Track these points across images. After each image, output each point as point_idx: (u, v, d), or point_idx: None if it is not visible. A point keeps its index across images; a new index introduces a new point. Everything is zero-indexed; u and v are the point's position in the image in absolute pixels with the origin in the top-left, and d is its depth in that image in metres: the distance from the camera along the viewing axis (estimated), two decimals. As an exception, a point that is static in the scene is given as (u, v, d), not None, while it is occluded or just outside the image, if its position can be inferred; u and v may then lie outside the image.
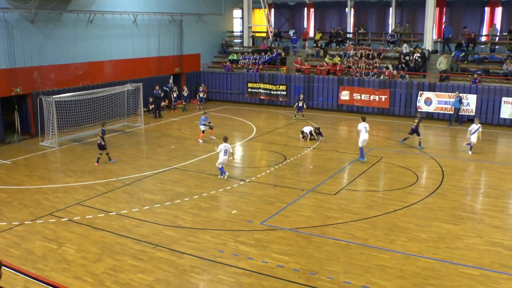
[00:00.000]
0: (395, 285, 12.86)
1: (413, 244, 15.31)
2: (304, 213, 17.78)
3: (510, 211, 18.92)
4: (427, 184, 21.48)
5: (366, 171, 22.83)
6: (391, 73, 36.61)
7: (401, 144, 27.66)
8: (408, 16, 42.94)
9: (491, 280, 13.25)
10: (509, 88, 33.07)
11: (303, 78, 38.53)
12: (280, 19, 48.02)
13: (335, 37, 42.54)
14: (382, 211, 17.98)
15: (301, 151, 26.15)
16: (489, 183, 21.96)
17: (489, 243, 15.54)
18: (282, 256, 14.44)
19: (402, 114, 35.40)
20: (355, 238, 15.69)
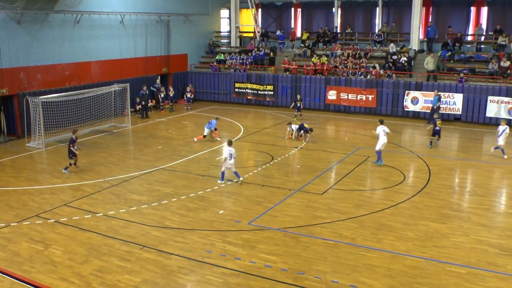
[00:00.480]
0: (382, 284, 12.84)
1: (401, 243, 15.31)
2: (292, 213, 17.73)
3: (496, 209, 18.99)
4: (414, 183, 21.51)
5: (353, 170, 22.83)
6: (378, 73, 36.69)
7: (431, 147, 27.41)
8: (394, 16, 43.06)
9: (478, 278, 13.28)
10: (495, 87, 33.27)
11: (291, 78, 38.52)
12: (267, 19, 47.99)
13: (322, 37, 42.58)
14: (369, 210, 17.98)
15: (289, 151, 26.11)
16: (476, 182, 22.04)
17: (476, 241, 15.59)
18: (270, 256, 14.38)
19: (389, 114, 35.46)
20: (342, 238, 15.67)
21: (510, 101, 32.64)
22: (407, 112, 35.23)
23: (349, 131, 31.34)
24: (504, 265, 14.06)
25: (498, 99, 32.92)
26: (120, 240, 15.36)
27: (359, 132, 31.05)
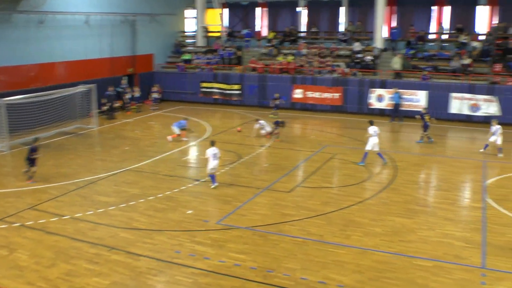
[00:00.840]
0: (351, 280, 12.90)
1: (369, 239, 15.41)
2: (260, 211, 17.70)
3: (461, 203, 19.28)
4: (380, 179, 21.69)
5: (320, 168, 22.91)
6: (343, 71, 36.91)
7: (419, 142, 28.02)
8: (359, 15, 43.39)
9: (445, 271, 13.46)
10: (457, 84, 33.83)
11: (257, 77, 38.51)
12: (233, 19, 47.85)
13: (288, 36, 42.69)
14: (337, 207, 18.05)
15: (256, 149, 26.09)
16: (441, 177, 22.35)
17: (442, 235, 15.80)
18: (239, 254, 14.32)
19: (355, 111, 35.74)
20: (311, 235, 15.70)
21: (473, 98, 33.21)
22: (372, 110, 35.52)
23: (315, 129, 31.46)
24: (469, 257, 14.30)
25: (460, 96, 33.46)
26: (88, 243, 15.11)
27: (325, 130, 31.20)
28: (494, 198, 19.16)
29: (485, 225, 16.63)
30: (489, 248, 14.86)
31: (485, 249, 14.83)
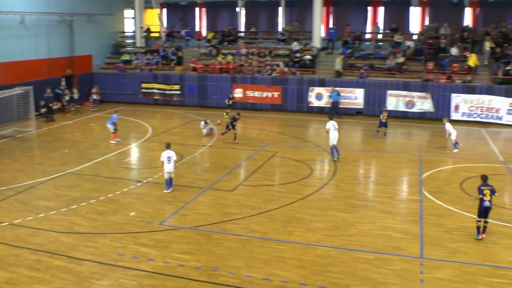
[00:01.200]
0: (295, 275, 13.00)
1: (311, 234, 15.57)
2: (203, 210, 17.62)
3: (399, 196, 19.75)
4: (321, 176, 21.98)
5: (262, 166, 22.99)
6: (283, 70, 37.18)
7: (375, 136, 28.87)
8: (297, 14, 43.89)
9: (385, 262, 13.77)
10: (393, 82, 34.66)
11: (197, 77, 38.30)
12: (172, 19, 47.50)
13: (227, 36, 42.67)
14: (279, 204, 18.16)
15: (198, 149, 25.95)
16: (379, 172, 22.83)
17: (381, 227, 16.14)
18: (183, 255, 14.21)
19: (294, 110, 36.05)
20: (254, 232, 15.73)
21: (408, 95, 34.09)
22: (312, 108, 35.94)
23: (256, 128, 31.55)
24: (408, 248, 14.69)
25: (396, 93, 34.28)
26: (28, 249, 14.63)
27: (266, 128, 31.34)
28: (429, 191, 19.73)
29: (422, 216, 17.11)
30: (426, 239, 15.32)
31: (422, 239, 15.26)
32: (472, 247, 14.85)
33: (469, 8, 41.34)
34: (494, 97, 33.04)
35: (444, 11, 41.38)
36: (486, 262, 13.99)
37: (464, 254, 14.39)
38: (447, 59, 36.48)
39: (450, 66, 35.83)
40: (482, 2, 40.93)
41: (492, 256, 14.36)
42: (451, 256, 14.25)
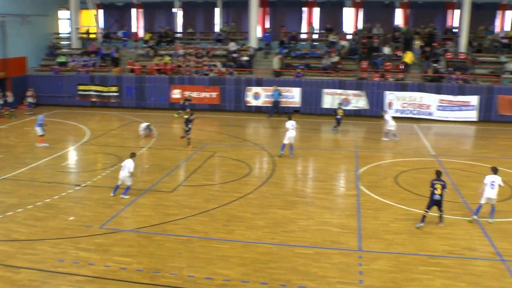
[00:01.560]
0: (237, 273, 12.99)
1: (251, 232, 15.60)
2: (143, 212, 17.36)
3: (336, 192, 20.06)
4: (260, 174, 22.05)
5: (201, 166, 22.87)
6: (220, 71, 37.14)
7: (333, 130, 30.30)
8: (234, 15, 44.03)
9: (324, 256, 13.96)
10: (329, 81, 35.22)
11: (135, 79, 37.75)
12: (108, 20, 46.71)
13: (165, 37, 42.27)
14: (219, 203, 18.11)
15: (137, 151, 25.50)
16: (317, 168, 23.12)
17: (320, 223, 16.35)
18: (124, 258, 13.94)
19: (233, 109, 36.06)
20: (195, 232, 15.63)
21: (343, 93, 34.70)
22: (249, 107, 36.06)
23: (195, 128, 31.17)
24: (347, 242, 14.94)
25: (332, 91, 34.84)
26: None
27: (205, 128, 31.20)
28: (366, 185, 20.13)
29: (359, 211, 17.44)
30: (364, 232, 15.62)
31: (360, 233, 15.55)
32: (408, 238, 15.25)
33: (400, 9, 42.65)
34: (425, 94, 34.12)
35: (377, 12, 42.63)
36: (420, 251, 14.40)
37: (400, 245, 14.77)
38: (380, 58, 37.41)
39: (383, 64, 36.75)
40: (412, 4, 42.34)
41: (426, 245, 14.79)
42: (388, 248, 14.59)
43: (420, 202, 18.26)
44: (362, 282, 12.65)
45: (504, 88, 34.04)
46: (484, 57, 37.97)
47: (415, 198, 18.85)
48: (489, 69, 36.78)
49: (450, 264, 13.67)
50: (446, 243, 14.99)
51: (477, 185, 20.34)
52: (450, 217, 16.89)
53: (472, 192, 19.27)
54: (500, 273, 13.23)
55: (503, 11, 41.75)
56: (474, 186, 20.03)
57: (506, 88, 34.09)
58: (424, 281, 12.73)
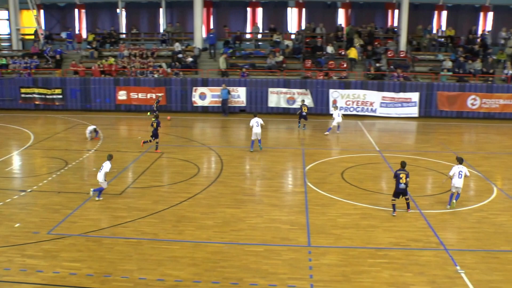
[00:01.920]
0: (188, 273, 12.90)
1: (201, 232, 15.52)
2: (92, 216, 17.02)
3: (284, 189, 20.19)
4: (208, 174, 21.98)
5: (149, 167, 22.61)
6: (165, 71, 36.82)
7: (299, 127, 31.05)
8: (178, 16, 43.75)
9: (274, 253, 14.03)
10: (274, 80, 35.43)
11: (79, 81, 36.92)
12: (50, 21, 45.52)
13: (109, 38, 41.55)
14: (168, 204, 17.94)
15: (83, 154, 25.05)
16: (264, 167, 23.19)
17: (269, 220, 16.42)
18: (74, 263, 13.61)
19: (179, 110, 35.79)
20: (145, 234, 15.44)
21: (288, 92, 34.98)
22: (196, 107, 35.89)
23: (141, 130, 30.94)
24: (296, 238, 15.07)
25: (277, 90, 35.06)
26: None
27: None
28: (313, 182, 20.35)
29: (307, 207, 17.62)
30: (312, 228, 15.80)
31: (309, 229, 15.71)
32: (355, 232, 15.50)
33: (342, 9, 43.36)
34: (368, 91, 34.78)
35: (319, 12, 43.25)
36: (368, 245, 14.68)
37: (348, 239, 15.01)
38: (323, 57, 37.88)
39: (326, 63, 37.24)
40: (353, 4, 43.09)
41: (373, 239, 15.09)
42: (336, 242, 14.80)
43: (366, 197, 18.69)
44: (312, 277, 12.78)
45: (443, 85, 35.10)
46: (423, 55, 39.11)
47: (361, 193, 19.21)
48: (428, 66, 37.90)
49: (397, 256, 13.99)
50: (392, 235, 15.34)
51: (420, 178, 20.98)
52: (396, 210, 17.26)
53: (416, 185, 19.78)
54: (444, 262, 13.65)
55: (439, 11, 43.09)
56: (417, 180, 20.59)
57: (445, 84, 35.16)
58: (372, 273, 12.98)
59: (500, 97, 34.69)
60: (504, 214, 17.30)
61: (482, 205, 18.12)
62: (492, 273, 13.09)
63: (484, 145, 28.11)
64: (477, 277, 12.83)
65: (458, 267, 13.29)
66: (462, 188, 17.63)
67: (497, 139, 29.69)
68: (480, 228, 16.14)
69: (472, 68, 36.23)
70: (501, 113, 34.96)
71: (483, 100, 34.77)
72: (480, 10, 43.11)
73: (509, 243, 14.98)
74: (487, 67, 36.45)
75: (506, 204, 18.37)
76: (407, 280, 12.68)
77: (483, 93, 34.76)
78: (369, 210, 17.36)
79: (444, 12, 43.14)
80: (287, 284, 12.42)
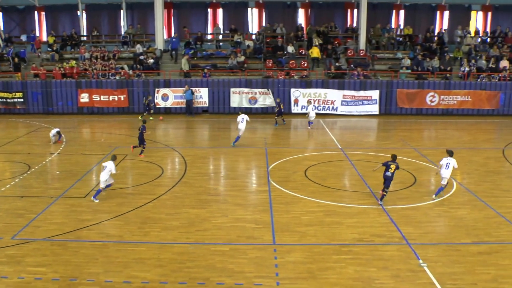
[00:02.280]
0: (155, 275, 12.85)
1: (167, 233, 15.48)
2: (56, 220, 16.77)
3: (248, 188, 20.25)
4: (172, 175, 21.91)
5: (114, 169, 22.42)
6: (127, 73, 36.51)
7: (276, 125, 31.88)
8: (139, 17, 43.39)
9: (240, 252, 14.08)
10: (236, 80, 35.49)
11: (41, 84, 36.29)
12: (9, 23, 44.56)
13: (69, 40, 40.93)
14: (133, 206, 17.82)
15: (46, 158, 24.68)
16: (228, 166, 23.25)
17: (234, 219, 16.47)
18: (39, 268, 13.39)
19: (141, 111, 35.50)
20: (110, 237, 15.32)
21: (250, 91, 35.08)
22: (158, 109, 35.66)
23: (104, 132, 30.70)
24: (261, 236, 15.15)
25: (239, 90, 35.14)
26: None
27: (114, 132, 30.60)
28: (276, 180, 20.48)
29: (271, 205, 17.72)
30: (277, 226, 15.90)
31: (274, 227, 15.81)
32: (319, 229, 15.66)
33: (301, 9, 43.70)
34: (329, 90, 35.17)
35: (279, 12, 43.45)
36: (332, 241, 14.85)
37: (312, 237, 15.16)
38: (284, 57, 38.11)
39: (287, 63, 37.47)
40: (313, 4, 43.48)
41: (337, 235, 15.27)
42: (301, 240, 14.94)
43: (330, 194, 18.91)
44: (278, 274, 12.87)
45: (402, 83, 35.72)
46: (382, 53, 39.79)
47: (325, 190, 19.41)
48: (387, 65, 38.57)
49: (361, 251, 14.20)
50: (355, 231, 15.56)
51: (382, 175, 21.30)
52: (358, 207, 17.56)
53: (378, 181, 20.09)
54: (407, 256, 13.91)
55: (397, 11, 43.79)
56: (379, 176, 20.90)
57: (404, 82, 35.78)
58: (337, 269, 13.14)
59: (458, 94, 35.52)
60: (464, 208, 17.73)
61: (443, 200, 18.52)
62: (453, 265, 13.40)
63: (443, 140, 28.71)
64: (440, 269, 13.12)
65: (421, 261, 13.56)
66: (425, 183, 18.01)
67: (456, 135, 30.39)
68: (441, 222, 16.54)
69: (430, 66, 37.00)
70: (459, 109, 35.84)
71: (441, 97, 35.54)
72: (436, 9, 44.03)
73: (469, 236, 15.36)
74: (445, 64, 37.26)
75: (466, 198, 18.83)
76: (372, 275, 12.89)
77: (441, 90, 35.55)
78: (333, 207, 17.58)
79: (402, 11, 43.91)
80: (253, 283, 12.49)
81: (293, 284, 12.45)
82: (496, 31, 41.78)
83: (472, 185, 20.27)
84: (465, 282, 12.54)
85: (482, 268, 13.27)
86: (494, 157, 24.73)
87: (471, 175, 21.97)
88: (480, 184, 20.42)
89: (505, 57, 38.10)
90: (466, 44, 39.90)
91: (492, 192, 19.39)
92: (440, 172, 18.28)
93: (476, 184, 20.45)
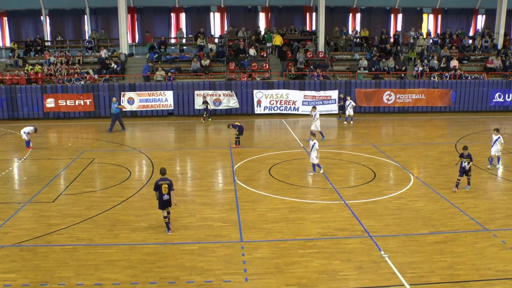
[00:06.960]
0: (125, 276, 12.70)
1: (136, 234, 15.32)
2: (25, 225, 16.38)
3: (215, 188, 20.18)
4: (140, 177, 21.69)
5: (81, 174, 22.03)
6: (93, 78, 36.00)
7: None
8: (103, 22, 42.89)
9: (208, 250, 14.04)
10: (200, 83, 35.39)
11: (5, 89, 35.38)
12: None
13: (33, 45, 40.09)
14: (102, 209, 17.57)
15: (13, 163, 24.15)
16: (194, 167, 23.14)
17: (202, 219, 16.41)
18: (8, 274, 13.04)
19: (108, 115, 34.95)
20: (80, 240, 15.06)
21: (214, 94, 34.96)
22: (125, 112, 35.22)
23: (71, 136, 30.17)
24: (228, 234, 15.14)
25: (203, 93, 34.98)
26: None
27: (81, 136, 30.12)
28: (242, 180, 20.49)
29: (238, 204, 17.73)
30: (244, 224, 15.92)
31: (241, 225, 15.83)
32: (285, 226, 15.73)
33: (262, 13, 43.89)
34: (290, 91, 35.35)
35: (241, 16, 43.55)
36: (297, 236, 14.94)
37: (278, 233, 15.22)
38: (246, 59, 38.14)
39: (250, 65, 37.52)
40: (273, 8, 43.72)
41: (302, 230, 15.37)
42: (267, 236, 14.97)
43: (293, 191, 19.01)
44: (246, 271, 12.88)
45: (360, 83, 36.17)
46: (341, 55, 40.27)
47: (289, 187, 19.51)
48: (346, 66, 39.03)
49: (325, 245, 14.32)
50: (319, 226, 15.68)
51: (343, 171, 21.55)
52: (322, 202, 17.70)
53: (340, 178, 20.31)
54: (369, 248, 14.09)
55: (354, 14, 44.46)
56: (340, 172, 21.16)
57: (362, 82, 36.24)
58: (303, 263, 13.22)
59: (413, 92, 36.18)
60: (421, 200, 18.07)
61: (401, 193, 18.85)
62: (413, 255, 13.64)
63: (400, 137, 29.20)
64: (400, 260, 13.34)
65: (382, 252, 13.77)
66: (384, 177, 18.19)
67: (412, 131, 30.95)
68: (400, 214, 16.79)
69: (386, 66, 37.57)
70: (414, 107, 36.53)
71: (397, 96, 36.15)
72: (390, 12, 44.89)
73: (426, 226, 15.66)
74: (400, 64, 37.89)
75: (422, 190, 19.18)
76: (336, 267, 13.01)
77: (397, 89, 36.15)
78: (297, 204, 17.68)
79: (358, 14, 44.64)
80: (222, 280, 12.47)
81: (261, 280, 12.48)
82: (446, 33, 42.71)
83: (428, 178, 20.68)
84: (424, 270, 12.79)
85: (439, 256, 13.57)
86: (447, 151, 25.23)
87: (426, 169, 22.41)
88: (435, 177, 20.83)
89: (455, 57, 39.10)
90: (419, 45, 40.67)
91: (446, 184, 19.80)
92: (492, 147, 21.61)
93: (431, 177, 20.85)
